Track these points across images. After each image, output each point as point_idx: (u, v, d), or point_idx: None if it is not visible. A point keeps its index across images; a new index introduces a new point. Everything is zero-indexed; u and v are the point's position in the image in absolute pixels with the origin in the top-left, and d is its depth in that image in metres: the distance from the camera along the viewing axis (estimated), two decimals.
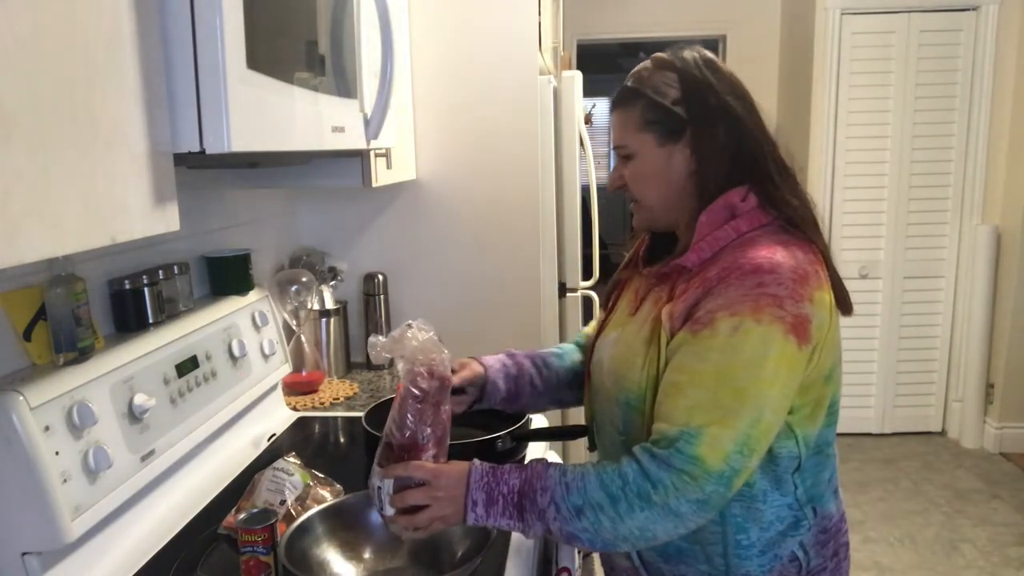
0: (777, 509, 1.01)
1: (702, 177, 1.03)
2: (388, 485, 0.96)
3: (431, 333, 1.01)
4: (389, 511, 0.96)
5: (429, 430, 0.98)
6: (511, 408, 1.27)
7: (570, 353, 1.33)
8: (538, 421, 1.57)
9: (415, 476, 0.95)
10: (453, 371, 1.18)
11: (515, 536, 1.14)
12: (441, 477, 0.96)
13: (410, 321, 1.02)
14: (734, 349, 0.91)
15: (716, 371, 0.92)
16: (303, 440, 1.58)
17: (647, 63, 1.07)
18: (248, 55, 0.87)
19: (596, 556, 1.39)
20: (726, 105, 1.03)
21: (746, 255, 0.96)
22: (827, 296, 0.97)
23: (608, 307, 1.20)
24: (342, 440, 1.63)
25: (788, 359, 0.92)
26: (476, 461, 0.98)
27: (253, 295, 1.61)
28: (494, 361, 1.26)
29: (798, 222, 1.02)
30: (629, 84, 1.07)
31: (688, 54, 1.05)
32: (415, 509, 0.95)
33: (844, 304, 1.03)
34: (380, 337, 1.02)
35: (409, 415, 0.98)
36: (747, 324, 0.91)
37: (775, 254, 0.95)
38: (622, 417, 1.06)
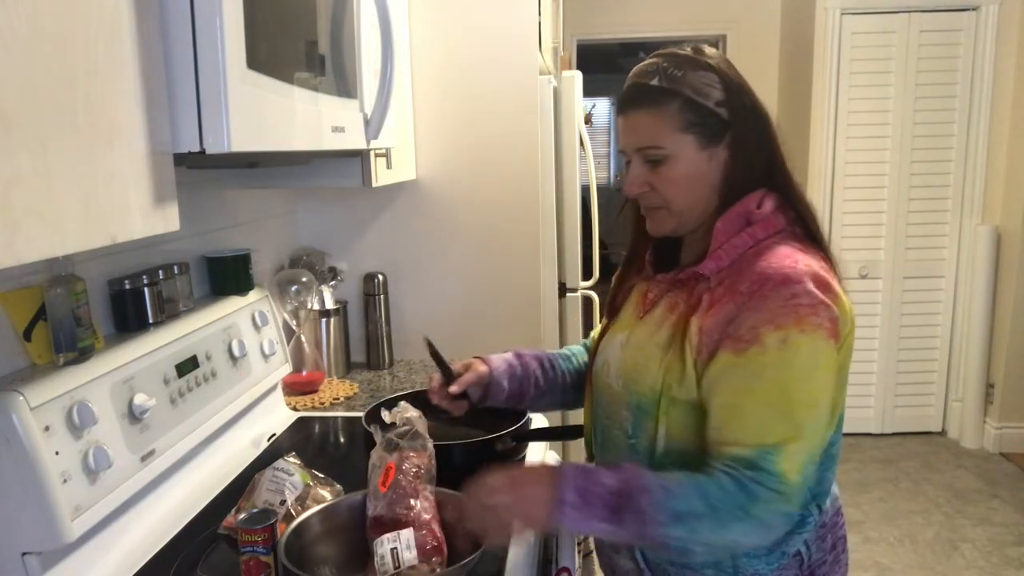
0: None
1: (732, 180, 1.02)
2: (407, 537, 0.97)
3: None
4: (411, 556, 0.97)
5: (423, 493, 1.05)
6: (516, 406, 1.28)
7: (579, 355, 1.34)
8: (538, 421, 1.57)
9: (495, 482, 0.95)
10: (458, 373, 1.22)
11: (515, 535, 1.14)
12: (523, 473, 0.98)
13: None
14: (787, 363, 0.92)
15: (775, 387, 0.92)
16: (303, 440, 1.58)
17: (667, 61, 1.02)
18: (248, 55, 0.87)
19: (596, 556, 1.39)
20: (756, 105, 1.03)
21: (771, 265, 0.96)
22: (846, 300, 0.98)
23: (613, 311, 1.19)
24: (342, 440, 1.63)
25: (831, 362, 0.94)
26: (564, 464, 0.98)
27: (253, 295, 1.61)
28: (500, 362, 1.25)
29: (810, 227, 1.03)
30: (654, 83, 1.01)
31: (710, 51, 1.03)
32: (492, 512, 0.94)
33: None
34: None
35: (406, 487, 1.04)
36: (793, 336, 0.91)
37: (797, 262, 0.96)
38: (632, 420, 1.05)
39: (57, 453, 0.97)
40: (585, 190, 2.65)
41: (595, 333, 1.34)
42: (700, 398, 0.98)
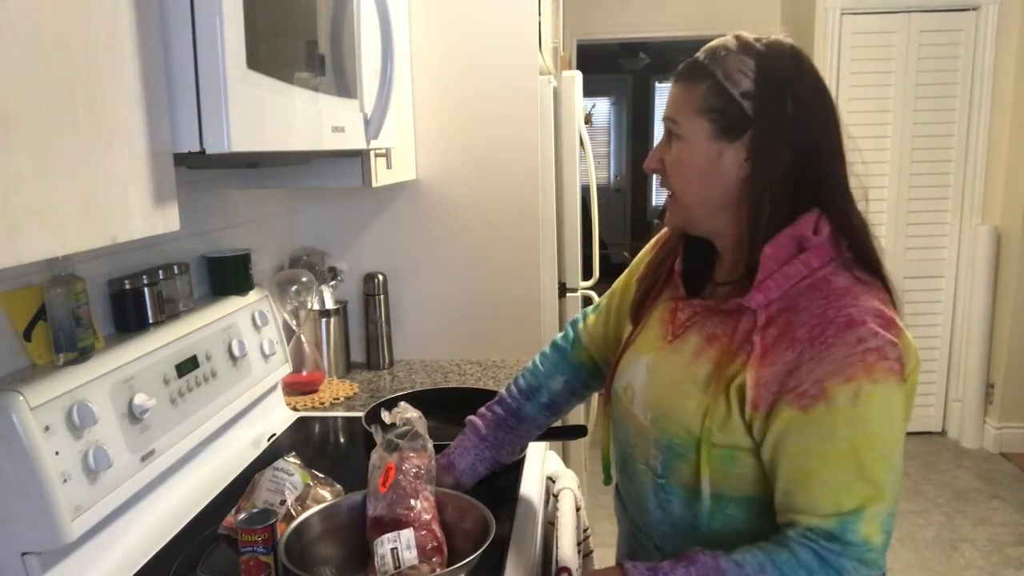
0: None
1: (757, 189, 0.91)
2: (407, 537, 0.97)
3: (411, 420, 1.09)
4: (412, 556, 0.97)
5: (423, 494, 1.04)
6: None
7: (547, 382, 1.24)
8: None
9: None
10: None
11: (515, 535, 1.14)
12: None
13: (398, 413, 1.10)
14: (863, 419, 0.83)
15: (851, 448, 0.84)
16: (303, 440, 1.58)
17: (727, 39, 0.93)
18: (248, 55, 0.87)
19: (596, 556, 1.39)
20: (801, 112, 0.91)
21: (831, 305, 0.86)
22: (909, 335, 0.89)
23: (637, 318, 1.09)
24: (342, 440, 1.63)
25: (904, 408, 0.87)
26: (628, 564, 0.90)
27: (253, 295, 1.61)
28: (461, 461, 1.21)
29: (867, 257, 0.93)
30: (700, 58, 0.93)
31: (776, 40, 0.93)
32: None
33: None
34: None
35: (406, 487, 1.03)
36: (865, 388, 0.83)
37: (859, 300, 0.87)
38: (661, 460, 0.98)
39: (57, 453, 0.97)
40: (585, 190, 2.65)
41: (590, 323, 1.25)
42: (747, 447, 0.91)
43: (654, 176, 1.02)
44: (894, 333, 0.86)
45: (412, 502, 1.02)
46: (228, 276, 1.59)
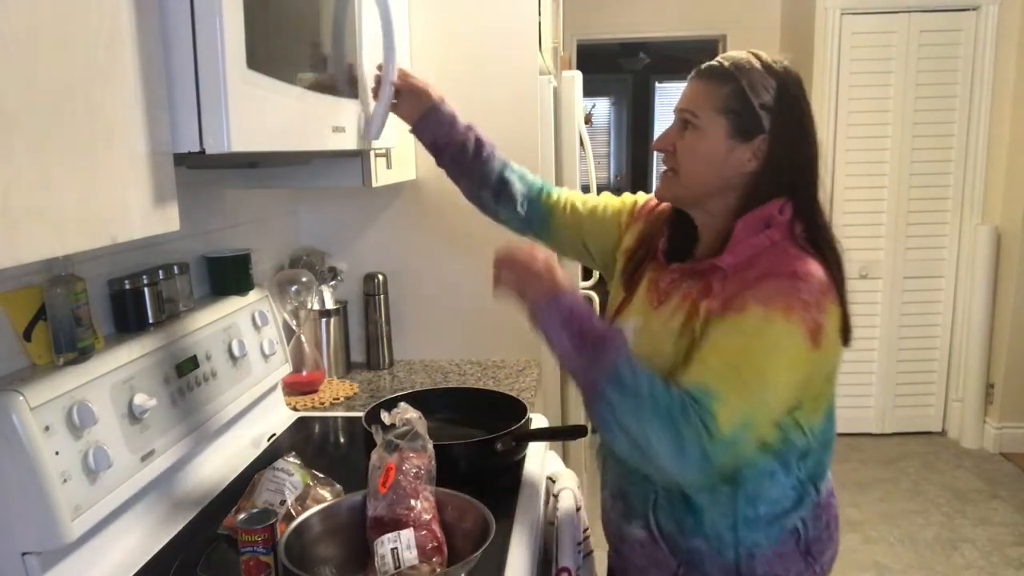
0: (783, 488, 1.09)
1: (755, 185, 1.08)
2: (407, 537, 0.98)
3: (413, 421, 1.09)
4: (412, 556, 0.98)
5: (423, 494, 1.05)
6: (434, 148, 1.43)
7: (532, 193, 1.44)
8: (538, 421, 1.57)
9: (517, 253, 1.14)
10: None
11: (515, 534, 1.14)
12: (548, 263, 1.13)
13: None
14: (759, 333, 0.98)
15: (738, 347, 0.99)
16: (303, 440, 1.58)
17: (747, 55, 1.09)
18: (248, 55, 0.87)
19: (595, 556, 1.39)
20: (801, 129, 1.09)
21: (783, 261, 1.03)
22: (837, 310, 1.04)
23: (631, 286, 1.23)
24: (342, 440, 1.63)
25: (800, 358, 1.00)
26: (561, 290, 1.09)
27: (253, 295, 1.61)
28: (448, 115, 1.43)
29: (818, 240, 1.08)
30: (725, 64, 1.08)
31: (787, 66, 1.09)
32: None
33: (845, 333, 1.07)
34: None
35: (406, 487, 1.04)
36: (777, 319, 0.98)
37: (808, 264, 1.03)
38: None
39: (57, 453, 0.97)
40: (585, 190, 2.65)
41: (566, 194, 1.42)
42: None
43: (654, 176, 1.11)
44: (824, 302, 1.01)
45: (412, 502, 1.02)
46: (228, 276, 1.59)
